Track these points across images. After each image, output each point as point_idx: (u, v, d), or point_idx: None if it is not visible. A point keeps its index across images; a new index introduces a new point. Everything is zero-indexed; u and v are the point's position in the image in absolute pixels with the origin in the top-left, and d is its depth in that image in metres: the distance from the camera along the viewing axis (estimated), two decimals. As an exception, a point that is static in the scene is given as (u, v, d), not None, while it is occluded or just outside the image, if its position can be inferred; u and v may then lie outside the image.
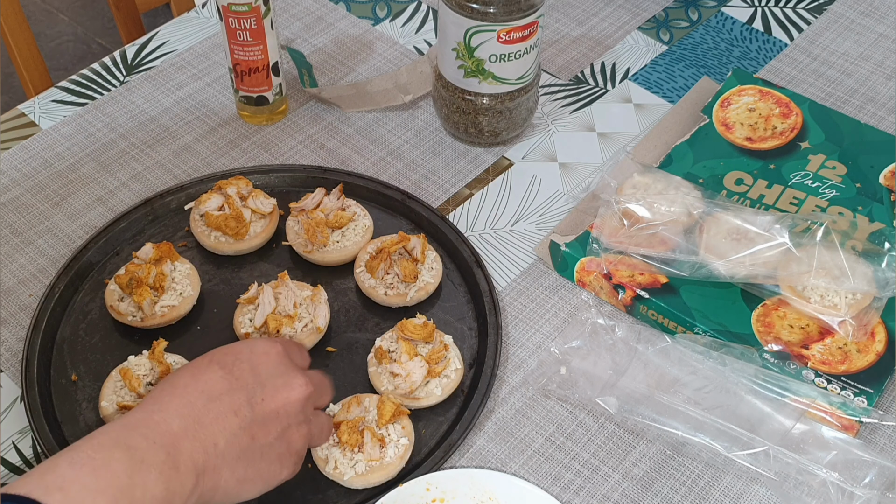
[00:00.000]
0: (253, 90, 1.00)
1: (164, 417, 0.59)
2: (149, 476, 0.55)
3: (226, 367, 0.63)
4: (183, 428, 0.59)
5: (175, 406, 0.60)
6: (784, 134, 0.99)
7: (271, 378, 0.65)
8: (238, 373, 0.63)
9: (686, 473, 0.79)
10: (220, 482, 0.60)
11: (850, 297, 0.83)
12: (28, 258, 0.92)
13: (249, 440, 0.62)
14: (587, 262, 0.88)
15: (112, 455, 0.55)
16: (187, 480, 0.57)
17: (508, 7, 0.89)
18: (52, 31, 2.59)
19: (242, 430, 0.61)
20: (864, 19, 1.19)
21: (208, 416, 0.60)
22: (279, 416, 0.64)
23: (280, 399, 0.64)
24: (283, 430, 0.64)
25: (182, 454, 0.57)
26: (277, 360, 0.66)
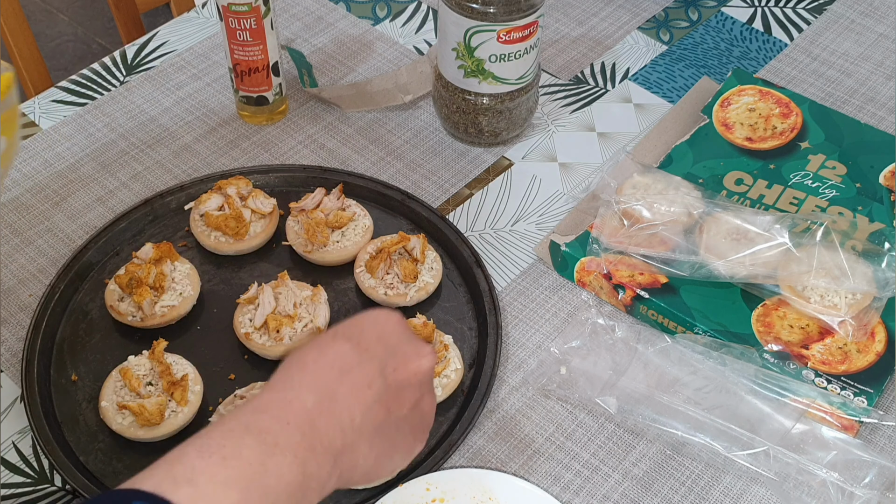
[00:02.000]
0: (253, 90, 1.00)
1: (297, 395, 0.55)
2: (283, 460, 0.51)
3: (352, 340, 0.59)
4: (317, 404, 0.55)
5: (307, 382, 0.56)
6: (784, 134, 0.99)
7: (400, 346, 0.61)
8: (366, 344, 0.59)
9: (686, 473, 0.79)
10: (358, 459, 0.57)
11: (850, 297, 0.83)
12: (28, 258, 0.92)
13: (385, 412, 0.58)
14: (587, 262, 0.88)
15: (243, 441, 0.51)
16: (325, 462, 0.54)
17: (508, 7, 0.89)
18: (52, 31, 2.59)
19: (377, 402, 0.57)
20: (864, 19, 1.19)
21: (342, 389, 0.56)
22: (412, 385, 0.61)
23: (412, 368, 0.61)
24: (416, 400, 0.61)
25: (318, 433, 0.54)
26: (402, 328, 0.62)
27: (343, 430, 0.56)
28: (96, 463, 0.77)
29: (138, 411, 0.76)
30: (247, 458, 0.51)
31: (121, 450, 0.78)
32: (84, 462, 0.77)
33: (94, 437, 0.79)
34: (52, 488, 0.77)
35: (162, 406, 0.77)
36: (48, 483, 0.77)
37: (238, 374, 0.83)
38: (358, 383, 0.57)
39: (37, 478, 0.78)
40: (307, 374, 0.56)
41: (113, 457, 0.77)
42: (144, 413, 0.76)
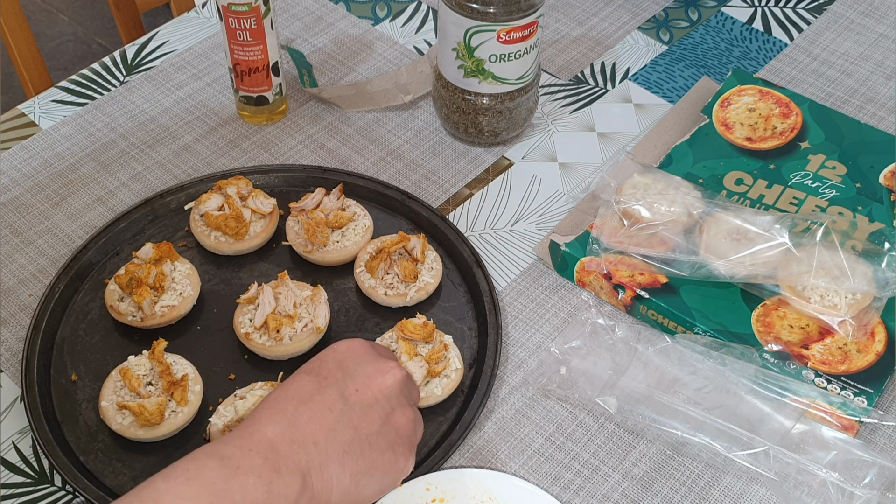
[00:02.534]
0: (253, 90, 1.00)
1: (258, 427, 0.58)
2: (247, 480, 0.53)
3: (312, 372, 0.62)
4: (278, 433, 0.57)
5: (266, 416, 0.58)
6: (784, 134, 0.99)
7: (360, 368, 0.63)
8: (325, 372, 0.62)
9: (686, 473, 0.79)
10: (332, 480, 0.58)
11: (850, 297, 0.83)
12: (28, 258, 0.92)
13: (353, 432, 0.60)
14: (587, 262, 0.88)
15: (205, 464, 0.54)
16: (292, 482, 0.56)
17: (508, 7, 0.89)
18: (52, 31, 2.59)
19: (341, 423, 0.59)
20: (864, 19, 1.19)
21: (302, 417, 0.58)
22: (378, 402, 0.62)
23: (375, 385, 0.62)
24: (386, 416, 0.62)
25: (281, 457, 0.56)
26: (362, 353, 0.64)
27: (307, 452, 0.57)
28: (96, 463, 0.77)
29: (138, 411, 0.76)
30: (210, 478, 0.53)
31: (121, 450, 0.78)
32: (84, 462, 0.77)
33: (94, 437, 0.79)
34: (52, 488, 0.77)
35: (162, 406, 0.77)
36: (48, 483, 0.77)
37: (238, 374, 0.83)
38: (318, 409, 0.59)
39: (37, 478, 0.78)
40: (268, 409, 0.59)
41: (113, 457, 0.77)
42: (144, 413, 0.76)
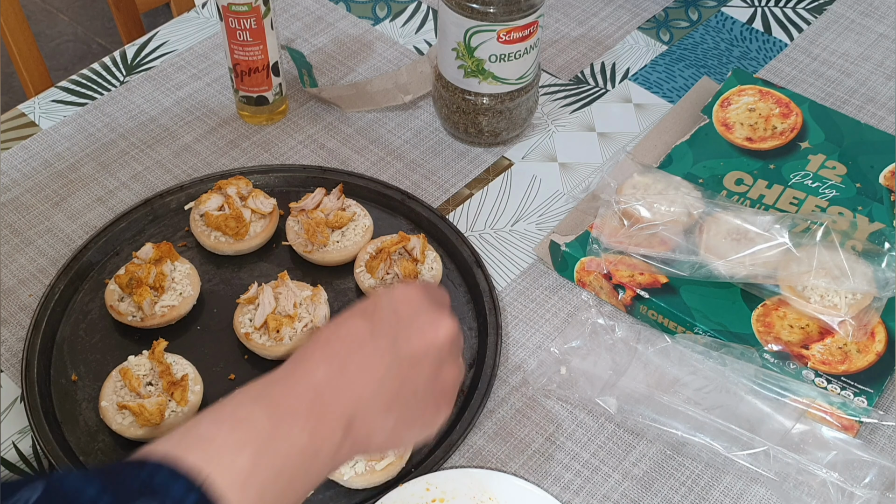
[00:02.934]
0: (253, 90, 1.00)
1: (308, 368, 0.57)
2: (293, 427, 0.53)
3: (367, 316, 0.60)
4: (327, 377, 0.56)
5: (318, 357, 0.58)
6: (784, 134, 0.99)
7: (415, 318, 0.61)
8: (379, 318, 0.60)
9: (686, 473, 0.79)
10: (373, 430, 0.58)
11: (850, 297, 0.83)
12: (28, 258, 0.92)
13: (399, 384, 0.59)
14: (587, 262, 0.88)
15: (252, 410, 0.53)
16: (335, 430, 0.55)
17: (508, 7, 0.89)
18: (52, 31, 2.59)
19: (389, 374, 0.58)
20: (864, 19, 1.19)
21: (352, 362, 0.57)
22: (429, 355, 0.61)
23: (427, 338, 0.61)
24: (434, 371, 0.61)
25: (327, 404, 0.55)
26: (419, 302, 0.62)
27: (353, 401, 0.57)
28: (96, 463, 0.77)
29: (138, 411, 0.76)
30: (257, 424, 0.52)
31: (121, 450, 0.78)
32: (84, 462, 0.77)
33: (94, 437, 0.79)
34: (52, 488, 0.77)
35: (162, 406, 0.77)
36: (48, 483, 0.77)
37: (238, 374, 0.83)
38: (369, 357, 0.58)
39: (37, 478, 0.78)
40: (320, 349, 0.58)
41: (113, 457, 0.77)
42: (144, 413, 0.76)
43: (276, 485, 0.52)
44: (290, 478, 0.53)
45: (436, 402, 0.62)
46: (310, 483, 0.55)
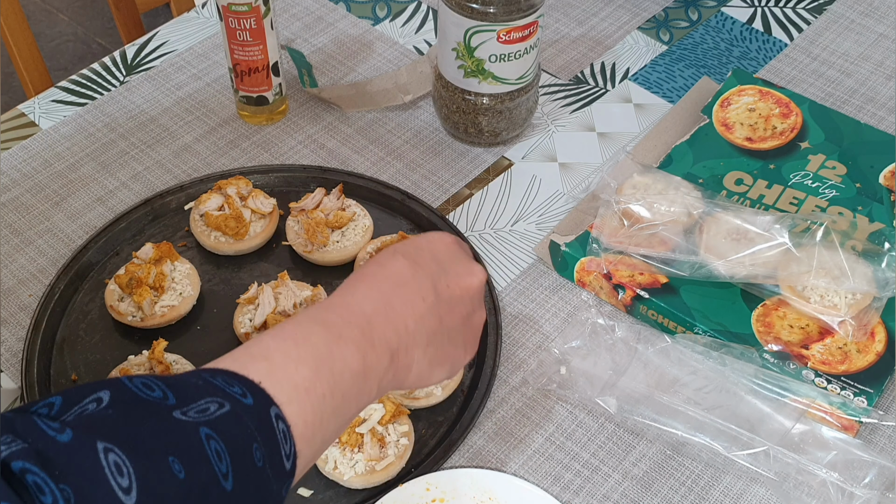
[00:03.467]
0: (253, 90, 1.00)
1: (358, 300, 0.60)
2: (346, 349, 0.56)
3: (409, 257, 0.64)
4: (375, 310, 0.60)
5: (365, 291, 0.61)
6: (784, 134, 0.99)
7: (453, 264, 0.66)
8: (421, 261, 0.64)
9: (686, 473, 0.79)
10: (413, 362, 0.62)
11: (850, 297, 0.83)
12: (28, 258, 0.92)
13: (437, 323, 0.63)
14: (587, 262, 0.88)
15: (312, 329, 0.57)
16: (383, 356, 0.59)
17: (508, 7, 0.89)
18: (52, 31, 2.59)
19: (430, 313, 0.62)
20: (864, 19, 1.19)
21: (397, 299, 0.61)
22: (463, 300, 0.65)
23: (463, 284, 0.65)
24: (467, 315, 0.66)
25: (376, 332, 0.59)
26: (455, 249, 0.67)
27: (398, 333, 0.60)
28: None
29: (138, 411, 0.76)
30: (316, 343, 0.56)
31: (121, 450, 0.78)
32: (84, 462, 0.77)
33: (94, 437, 0.79)
34: (52, 488, 0.77)
35: (162, 406, 0.77)
36: (48, 483, 0.77)
37: (238, 374, 0.83)
38: (412, 295, 0.62)
39: (37, 478, 0.77)
40: (366, 285, 0.62)
41: (113, 457, 0.77)
42: (144, 413, 0.76)
43: (331, 400, 0.55)
44: (343, 395, 0.56)
45: (465, 345, 0.67)
46: (358, 404, 0.58)
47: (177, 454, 0.46)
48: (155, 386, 0.49)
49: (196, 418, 0.48)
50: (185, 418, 0.48)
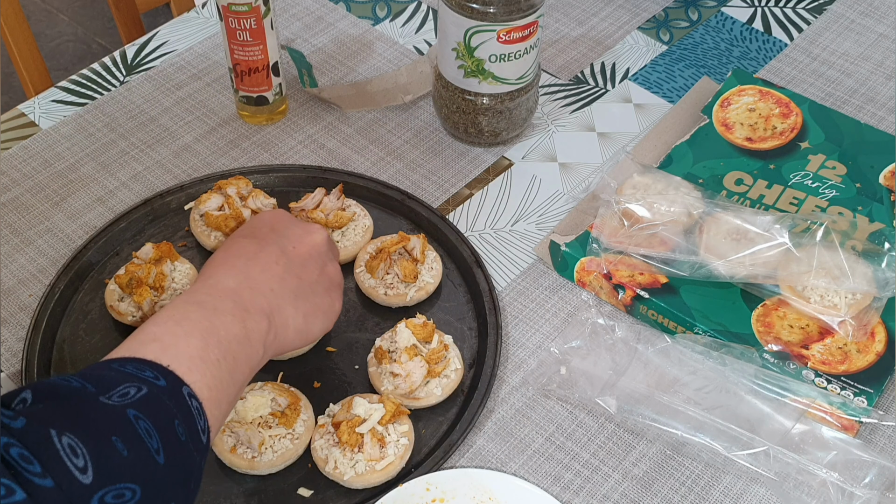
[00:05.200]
0: (253, 90, 1.00)
1: (219, 280, 0.65)
2: (225, 318, 0.61)
3: (249, 235, 0.70)
4: (238, 284, 0.65)
5: (223, 272, 0.66)
6: (784, 134, 0.99)
7: (290, 229, 0.72)
8: (261, 235, 0.70)
9: (686, 473, 0.79)
10: (288, 319, 0.66)
11: (850, 297, 0.83)
12: (28, 258, 0.92)
13: (297, 280, 0.68)
14: (587, 262, 0.88)
15: (187, 309, 0.61)
16: (261, 320, 0.63)
17: (508, 7, 0.89)
18: (52, 31, 2.59)
19: (287, 273, 0.68)
20: (864, 19, 1.19)
21: (254, 270, 0.66)
22: (312, 256, 0.71)
23: (307, 242, 0.71)
24: (321, 268, 0.72)
25: (246, 301, 0.63)
26: (288, 217, 0.73)
27: (266, 297, 0.65)
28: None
29: (138, 411, 0.76)
30: (195, 319, 0.60)
31: (121, 450, 0.78)
32: (84, 462, 0.77)
33: (94, 437, 0.79)
34: (52, 488, 0.77)
35: (162, 406, 0.77)
36: (48, 483, 0.77)
37: (238, 374, 0.83)
38: (265, 263, 0.67)
39: (37, 478, 0.77)
40: (221, 267, 0.66)
41: (113, 457, 0.77)
42: (144, 413, 0.76)
43: (224, 364, 0.59)
44: (234, 358, 0.60)
45: (329, 294, 0.72)
46: (250, 366, 0.62)
47: (117, 433, 0.50)
48: (71, 379, 0.52)
49: (120, 402, 0.51)
50: (111, 402, 0.51)
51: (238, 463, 0.76)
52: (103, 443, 0.49)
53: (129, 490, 0.49)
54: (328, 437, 0.77)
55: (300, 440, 0.77)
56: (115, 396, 0.52)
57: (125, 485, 0.49)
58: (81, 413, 0.50)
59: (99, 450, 0.48)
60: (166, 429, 0.53)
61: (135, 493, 0.49)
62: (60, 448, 0.47)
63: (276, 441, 0.76)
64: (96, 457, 0.48)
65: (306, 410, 0.79)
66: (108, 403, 0.51)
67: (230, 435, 0.76)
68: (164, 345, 0.57)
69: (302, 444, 0.77)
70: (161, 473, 0.51)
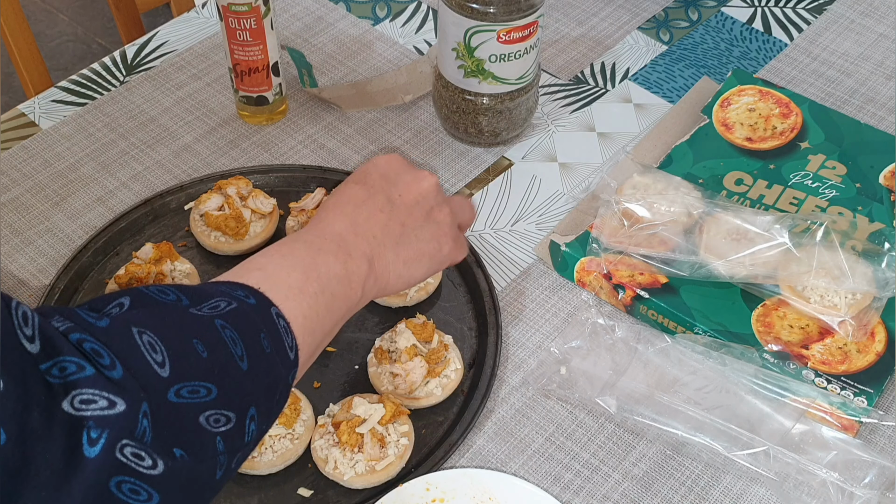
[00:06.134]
0: (253, 90, 1.00)
1: (326, 224, 0.68)
2: (328, 258, 0.64)
3: (360, 182, 0.72)
4: (343, 228, 0.68)
5: (331, 217, 0.69)
6: (784, 134, 0.99)
7: (400, 177, 0.74)
8: (371, 182, 0.72)
9: (686, 473, 0.79)
10: (388, 265, 0.69)
11: (850, 297, 0.83)
12: (28, 258, 0.92)
13: (400, 227, 0.71)
14: (587, 262, 0.88)
15: (294, 246, 0.65)
16: (362, 264, 0.66)
17: (508, 7, 0.89)
18: (52, 31, 2.59)
19: (391, 220, 0.70)
20: (864, 19, 1.19)
21: (360, 216, 0.69)
22: (419, 203, 0.73)
23: (414, 190, 0.73)
24: (427, 213, 0.73)
25: (350, 244, 0.66)
26: (400, 164, 0.75)
27: (369, 242, 0.68)
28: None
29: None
30: (300, 255, 0.64)
31: (121, 450, 0.78)
32: (84, 462, 0.77)
33: (94, 437, 0.79)
34: (52, 488, 0.77)
35: (162, 406, 0.77)
36: (48, 483, 0.77)
37: (238, 374, 0.83)
38: (372, 210, 0.70)
39: (37, 478, 0.77)
40: (330, 212, 0.70)
41: (113, 457, 0.77)
42: (144, 413, 0.76)
43: (322, 298, 0.62)
44: (332, 294, 0.63)
45: (435, 239, 0.73)
46: (347, 305, 0.65)
47: (199, 337, 0.52)
48: (169, 291, 0.55)
49: (209, 313, 0.54)
50: (200, 313, 0.54)
51: (238, 463, 0.76)
52: (184, 344, 0.51)
53: (204, 388, 0.50)
54: (328, 437, 0.77)
55: (300, 440, 0.77)
56: (205, 308, 0.54)
57: (201, 383, 0.50)
58: (167, 318, 0.52)
59: (178, 348, 0.50)
60: (251, 339, 0.55)
61: (210, 392, 0.50)
62: (140, 344, 0.49)
63: (276, 441, 0.76)
64: (175, 354, 0.50)
65: (306, 410, 0.79)
66: (197, 313, 0.54)
67: (230, 435, 0.76)
68: (267, 273, 0.60)
69: (302, 444, 0.77)
70: (243, 379, 0.53)
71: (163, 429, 0.47)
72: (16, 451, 0.42)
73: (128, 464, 0.45)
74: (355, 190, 0.72)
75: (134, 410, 0.46)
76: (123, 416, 0.46)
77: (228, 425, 0.51)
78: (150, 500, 0.47)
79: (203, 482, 0.51)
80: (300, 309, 0.60)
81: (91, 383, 0.45)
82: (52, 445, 0.43)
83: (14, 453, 0.42)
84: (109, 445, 0.45)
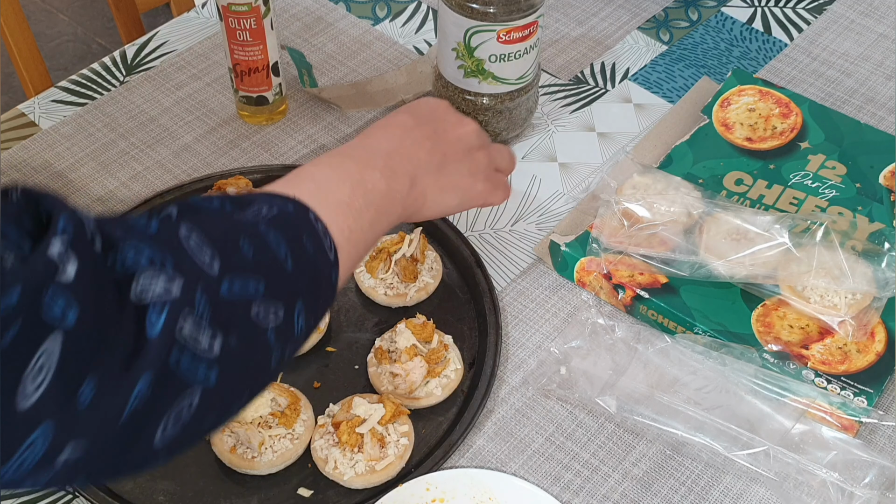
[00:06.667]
0: (253, 90, 1.00)
1: (374, 143, 0.71)
2: (374, 173, 0.67)
3: (409, 112, 0.76)
4: (390, 148, 0.70)
5: (379, 137, 0.72)
6: (784, 134, 0.99)
7: (447, 117, 0.77)
8: (420, 114, 0.76)
9: (686, 473, 0.79)
10: (427, 188, 0.72)
11: (850, 297, 0.83)
12: (28, 258, 0.92)
13: (442, 157, 0.74)
14: (587, 262, 0.88)
15: (343, 161, 0.67)
16: (404, 182, 0.69)
17: (508, 7, 0.89)
18: (52, 31, 2.59)
19: (435, 149, 0.73)
20: (864, 19, 1.19)
21: (406, 140, 0.72)
22: (461, 140, 0.76)
23: (458, 130, 0.77)
24: (467, 151, 0.76)
25: (395, 163, 0.69)
26: (446, 106, 0.79)
27: (413, 164, 0.71)
28: (96, 463, 0.77)
29: (138, 411, 0.76)
30: (349, 169, 0.66)
31: (121, 450, 0.78)
32: (84, 462, 0.77)
33: (94, 437, 0.79)
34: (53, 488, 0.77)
35: (162, 406, 0.76)
36: (48, 483, 0.77)
37: (238, 374, 0.83)
38: (417, 138, 0.73)
39: (37, 478, 0.77)
40: (378, 132, 0.73)
41: (113, 457, 0.77)
42: (144, 413, 0.76)
43: (367, 214, 0.65)
44: (376, 210, 0.66)
45: (472, 175, 0.76)
46: (388, 220, 0.68)
47: (245, 238, 0.54)
48: (214, 199, 0.57)
49: (253, 218, 0.56)
50: (244, 217, 0.56)
51: (238, 463, 0.76)
52: (230, 244, 0.53)
53: (253, 283, 0.52)
54: (328, 437, 0.77)
55: (300, 440, 0.77)
56: (249, 214, 0.57)
57: (250, 278, 0.52)
58: (213, 222, 0.55)
59: (225, 248, 0.52)
60: (294, 241, 0.57)
61: (258, 287, 0.52)
62: (188, 247, 0.51)
63: (276, 441, 0.76)
64: (223, 253, 0.52)
65: (306, 410, 0.79)
66: (241, 218, 0.56)
67: (230, 435, 0.76)
68: (319, 186, 0.63)
69: (302, 444, 0.77)
70: (288, 277, 0.56)
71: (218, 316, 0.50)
72: (92, 330, 0.44)
73: (186, 344, 0.48)
74: (404, 118, 0.75)
75: (191, 294, 0.49)
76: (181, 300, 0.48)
77: (278, 320, 0.54)
78: (208, 381, 0.49)
79: (259, 368, 0.54)
80: (346, 222, 0.63)
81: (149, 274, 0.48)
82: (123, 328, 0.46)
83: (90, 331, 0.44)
84: (169, 325, 0.47)
